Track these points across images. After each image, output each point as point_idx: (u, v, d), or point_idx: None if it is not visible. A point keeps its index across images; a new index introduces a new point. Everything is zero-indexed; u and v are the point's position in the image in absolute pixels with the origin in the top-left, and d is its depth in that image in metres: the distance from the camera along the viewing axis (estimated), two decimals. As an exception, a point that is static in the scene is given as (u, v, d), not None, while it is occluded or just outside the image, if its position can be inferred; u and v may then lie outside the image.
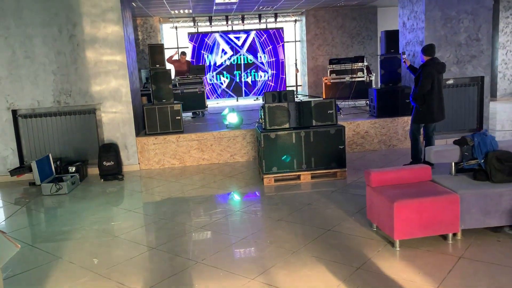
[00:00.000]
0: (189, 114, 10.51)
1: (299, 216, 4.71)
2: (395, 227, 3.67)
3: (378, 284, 3.19)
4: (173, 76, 9.65)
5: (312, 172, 6.09)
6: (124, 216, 5.17)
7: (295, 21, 14.30)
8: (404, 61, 6.54)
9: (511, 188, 3.84)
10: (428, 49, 6.00)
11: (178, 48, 13.90)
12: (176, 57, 11.33)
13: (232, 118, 7.78)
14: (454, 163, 4.27)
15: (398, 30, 8.37)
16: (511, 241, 3.76)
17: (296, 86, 14.48)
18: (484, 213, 3.83)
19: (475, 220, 3.83)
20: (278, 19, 14.06)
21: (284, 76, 14.16)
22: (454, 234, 3.86)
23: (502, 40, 14.07)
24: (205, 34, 13.79)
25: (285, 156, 6.01)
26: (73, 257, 3.99)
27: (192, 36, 13.69)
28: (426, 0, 7.63)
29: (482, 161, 4.07)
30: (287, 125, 6.07)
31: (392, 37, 8.02)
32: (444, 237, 3.86)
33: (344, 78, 10.24)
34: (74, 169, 6.75)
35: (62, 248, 4.22)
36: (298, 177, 6.10)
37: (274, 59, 14.12)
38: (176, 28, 13.74)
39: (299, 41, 14.53)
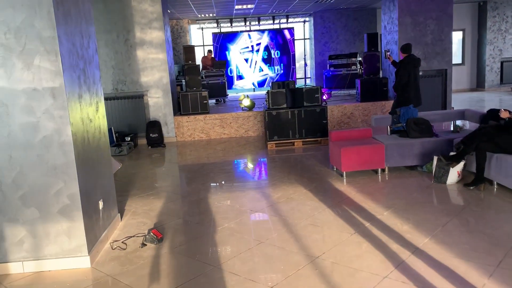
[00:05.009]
0: (213, 101, 12.79)
1: (287, 165, 6.96)
2: (342, 163, 5.87)
3: (326, 190, 5.42)
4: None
5: (303, 140, 8.30)
6: (168, 166, 7.55)
7: (304, 21, 16.42)
8: (389, 58, 7.59)
9: (420, 141, 5.98)
10: (405, 48, 7.22)
11: (204, 45, 16.22)
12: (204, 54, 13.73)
13: (246, 102, 10.03)
14: (389, 126, 6.44)
15: (377, 32, 10.45)
16: (419, 175, 5.89)
17: (305, 78, 16.63)
18: (402, 157, 5.97)
19: (395, 161, 5.98)
20: (289, 20, 16.21)
21: (294, 67, 16.22)
22: (383, 170, 6.02)
23: (490, 37, 15.82)
24: (231, 34, 16.04)
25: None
26: (142, 184, 6.34)
27: (215, 36, 15.97)
28: (399, 9, 9.68)
29: (404, 124, 6.21)
30: (285, 105, 8.29)
31: (372, 38, 10.11)
32: (375, 171, 6.03)
33: (341, 71, 12.36)
34: (129, 138, 9.14)
35: (133, 179, 6.58)
36: (293, 144, 8.33)
37: (285, 55, 16.24)
38: (202, 28, 16.06)
39: (308, 38, 16.64)
